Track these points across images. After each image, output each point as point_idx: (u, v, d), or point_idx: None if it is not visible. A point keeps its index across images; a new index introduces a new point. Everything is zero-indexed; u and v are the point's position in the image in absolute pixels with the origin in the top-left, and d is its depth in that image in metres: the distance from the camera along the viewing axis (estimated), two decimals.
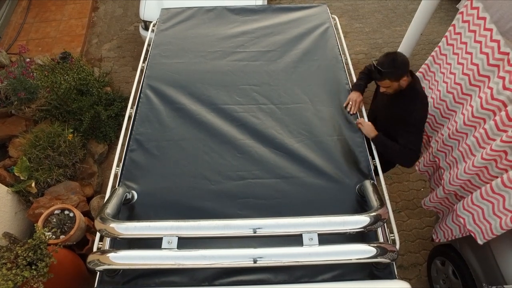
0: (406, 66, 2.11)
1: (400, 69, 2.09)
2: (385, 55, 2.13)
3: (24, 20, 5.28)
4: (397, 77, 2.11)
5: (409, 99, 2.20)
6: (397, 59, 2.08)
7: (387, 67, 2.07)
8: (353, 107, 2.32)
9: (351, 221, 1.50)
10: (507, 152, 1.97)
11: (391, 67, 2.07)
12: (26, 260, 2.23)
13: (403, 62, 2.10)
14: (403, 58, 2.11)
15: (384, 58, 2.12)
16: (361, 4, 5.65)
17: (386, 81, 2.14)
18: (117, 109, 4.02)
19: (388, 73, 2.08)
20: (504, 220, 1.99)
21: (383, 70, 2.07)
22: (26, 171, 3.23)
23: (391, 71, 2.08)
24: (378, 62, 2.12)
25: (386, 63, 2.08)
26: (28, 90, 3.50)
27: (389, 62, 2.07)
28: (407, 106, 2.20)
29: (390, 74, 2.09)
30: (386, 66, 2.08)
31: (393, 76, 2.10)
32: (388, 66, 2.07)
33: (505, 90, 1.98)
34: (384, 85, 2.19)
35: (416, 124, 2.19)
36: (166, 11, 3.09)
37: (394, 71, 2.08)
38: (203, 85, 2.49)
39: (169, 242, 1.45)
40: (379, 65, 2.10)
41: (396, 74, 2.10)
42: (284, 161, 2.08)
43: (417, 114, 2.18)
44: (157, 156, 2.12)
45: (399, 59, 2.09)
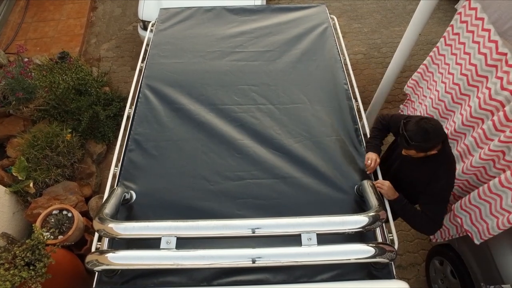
0: (439, 139, 1.83)
1: (431, 143, 1.82)
2: (416, 124, 1.82)
3: (22, 19, 5.26)
4: (426, 150, 1.86)
5: (437, 164, 1.94)
6: (429, 131, 1.78)
7: (417, 140, 1.80)
8: (372, 168, 2.06)
9: (350, 221, 1.50)
10: (505, 152, 1.98)
11: (422, 141, 1.80)
12: (24, 260, 2.22)
13: (436, 134, 1.81)
14: (436, 130, 1.80)
15: (415, 127, 1.82)
16: (359, 4, 5.66)
17: (413, 151, 1.89)
18: (115, 109, 4.01)
19: (417, 146, 1.83)
20: (501, 220, 1.99)
21: (412, 142, 1.81)
22: (24, 171, 3.22)
23: (421, 145, 1.82)
24: (407, 129, 1.83)
25: (417, 135, 1.80)
26: (26, 90, 3.49)
27: (421, 135, 1.80)
28: (434, 172, 1.94)
29: (418, 148, 1.84)
30: (416, 139, 1.80)
31: (422, 149, 1.85)
32: (418, 139, 1.80)
33: (503, 90, 1.99)
34: (409, 154, 1.94)
35: (442, 193, 1.94)
36: (165, 11, 3.08)
37: (424, 146, 1.82)
38: (202, 85, 2.49)
39: (167, 242, 1.44)
40: (409, 135, 1.82)
41: (426, 148, 1.84)
42: (283, 161, 2.08)
43: (445, 182, 1.92)
44: (156, 156, 2.12)
45: (431, 131, 1.79)
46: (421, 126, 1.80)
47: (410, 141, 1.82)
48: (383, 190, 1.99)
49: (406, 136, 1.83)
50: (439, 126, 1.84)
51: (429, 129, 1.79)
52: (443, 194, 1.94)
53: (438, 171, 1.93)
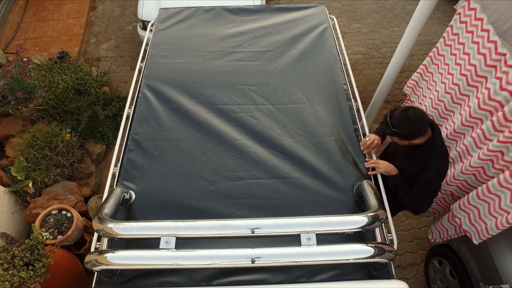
0: (421, 128, 1.87)
1: (412, 131, 1.86)
2: (401, 112, 1.88)
3: (21, 19, 5.26)
4: (408, 138, 1.91)
5: (427, 155, 1.98)
6: (411, 119, 1.84)
7: (399, 127, 1.86)
8: (367, 146, 2.13)
9: (349, 221, 1.50)
10: (503, 152, 1.98)
11: (403, 129, 1.86)
12: (23, 260, 2.22)
13: (419, 122, 1.84)
14: (418, 118, 1.85)
15: (399, 114, 1.88)
16: (359, 4, 5.66)
17: (395, 138, 1.97)
18: (115, 109, 4.01)
19: (398, 133, 1.89)
20: (500, 220, 2.00)
21: (393, 129, 1.88)
22: (23, 171, 3.21)
23: (402, 132, 1.88)
24: (392, 116, 1.91)
25: (399, 122, 1.86)
26: (26, 90, 3.48)
27: (403, 122, 1.85)
28: (424, 163, 1.98)
29: (400, 134, 1.90)
30: (398, 126, 1.86)
31: (404, 137, 1.90)
32: (400, 126, 1.86)
33: (502, 90, 1.99)
34: (394, 140, 2.01)
35: (431, 184, 1.99)
36: (164, 11, 3.08)
37: (404, 133, 1.88)
38: (201, 85, 2.49)
39: (167, 242, 1.44)
40: (392, 122, 1.89)
41: (407, 135, 1.88)
42: (282, 161, 2.08)
43: (434, 173, 1.96)
44: (155, 156, 2.12)
45: (414, 119, 1.84)
46: (405, 114, 1.86)
47: (392, 127, 1.89)
48: (382, 167, 2.04)
49: (389, 123, 1.90)
50: (423, 116, 1.87)
51: (412, 117, 1.84)
52: (432, 185, 2.00)
53: (428, 162, 1.97)
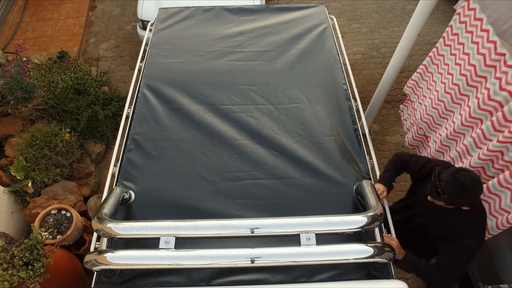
0: (477, 195, 1.65)
1: (466, 200, 1.64)
2: (452, 176, 1.63)
3: (20, 19, 5.25)
4: (458, 205, 1.69)
5: (467, 218, 1.76)
6: (466, 187, 1.59)
7: (451, 193, 1.62)
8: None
9: (349, 221, 1.50)
10: (503, 152, 1.98)
11: (456, 196, 1.63)
12: (22, 260, 2.22)
13: (475, 191, 1.62)
14: (474, 186, 1.61)
15: (450, 178, 1.63)
16: (359, 4, 5.66)
17: (442, 202, 1.73)
18: (114, 109, 4.01)
19: (449, 200, 1.66)
20: (501, 220, 2.00)
21: (444, 195, 1.64)
22: (22, 171, 3.21)
23: (454, 200, 1.66)
24: (441, 179, 1.65)
25: (451, 188, 1.62)
26: (25, 90, 3.48)
27: (456, 189, 1.61)
28: (463, 227, 1.77)
29: (450, 201, 1.68)
30: (450, 192, 1.62)
31: (454, 203, 1.69)
32: (452, 193, 1.63)
33: (502, 90, 1.99)
34: (436, 202, 1.77)
35: (468, 251, 1.75)
36: (164, 11, 3.08)
37: (457, 201, 1.66)
38: (201, 85, 2.49)
39: (166, 242, 1.44)
40: (442, 186, 1.65)
41: (459, 203, 1.67)
42: (282, 162, 2.08)
43: (473, 240, 1.74)
44: (155, 156, 2.12)
45: (469, 187, 1.59)
46: (457, 179, 1.62)
47: (442, 193, 1.64)
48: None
49: (438, 186, 1.66)
50: (478, 181, 1.63)
51: (467, 184, 1.60)
52: (469, 252, 1.76)
53: (467, 226, 1.75)
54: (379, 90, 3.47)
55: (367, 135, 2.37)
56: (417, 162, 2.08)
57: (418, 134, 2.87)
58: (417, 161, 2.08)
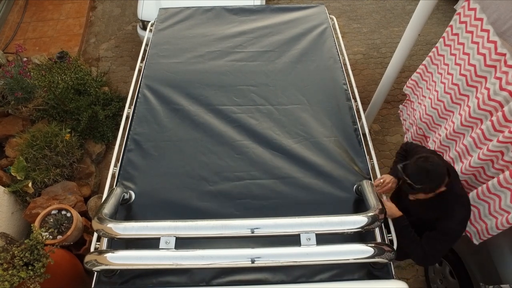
0: (442, 176, 1.75)
1: (435, 182, 1.75)
2: (415, 166, 1.76)
3: (21, 19, 5.25)
4: (433, 190, 1.79)
5: (447, 203, 1.87)
6: (430, 171, 1.72)
7: (421, 183, 1.74)
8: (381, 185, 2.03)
9: (349, 221, 1.50)
10: (503, 152, 1.98)
11: (426, 183, 1.74)
12: (22, 260, 2.22)
13: (438, 173, 1.73)
14: (437, 169, 1.73)
15: (415, 170, 1.76)
16: (359, 4, 5.66)
17: (420, 194, 1.83)
18: (114, 109, 4.01)
19: (422, 189, 1.76)
20: (500, 220, 2.00)
21: (416, 186, 1.75)
22: (23, 171, 3.21)
23: (426, 187, 1.76)
24: (409, 174, 1.77)
25: (419, 176, 1.74)
26: (25, 90, 3.48)
27: (423, 177, 1.73)
28: (444, 209, 1.87)
29: (424, 190, 1.77)
30: (420, 182, 1.74)
31: (429, 190, 1.78)
32: (421, 182, 1.74)
33: (502, 91, 1.99)
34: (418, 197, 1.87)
35: (450, 233, 1.84)
36: (164, 11, 3.08)
37: (429, 187, 1.76)
38: (201, 85, 2.49)
39: (166, 242, 1.44)
40: (412, 180, 1.76)
41: (432, 188, 1.77)
42: (282, 162, 2.08)
43: (455, 223, 1.83)
44: (155, 157, 2.12)
45: (432, 171, 1.72)
46: (418, 166, 1.74)
47: (414, 184, 1.74)
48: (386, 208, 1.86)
49: (409, 181, 1.76)
50: (438, 162, 1.75)
51: (429, 167, 1.72)
52: (451, 235, 1.83)
53: (449, 209, 1.84)
54: (379, 90, 3.48)
55: (367, 135, 2.37)
56: (412, 148, 2.18)
57: (418, 134, 2.87)
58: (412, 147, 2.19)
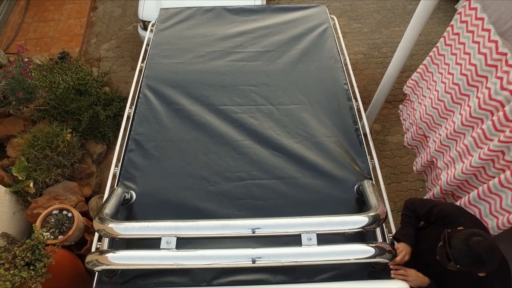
0: (494, 264, 1.46)
1: (483, 269, 1.48)
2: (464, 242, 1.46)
3: (22, 19, 5.26)
4: (474, 273, 1.54)
5: (490, 276, 1.59)
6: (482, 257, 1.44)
7: (465, 264, 1.47)
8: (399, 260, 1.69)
9: (350, 221, 1.50)
10: (504, 152, 1.98)
11: (472, 267, 1.47)
12: (24, 260, 2.22)
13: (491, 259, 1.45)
14: (491, 252, 1.45)
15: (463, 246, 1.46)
16: (359, 4, 5.66)
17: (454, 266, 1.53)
18: (115, 109, 4.01)
19: (464, 269, 1.50)
20: (501, 220, 1.99)
21: (457, 266, 1.48)
22: (24, 171, 3.22)
23: (469, 270, 1.50)
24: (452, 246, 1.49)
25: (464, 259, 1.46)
26: (26, 90, 3.49)
27: (471, 260, 1.45)
28: (479, 281, 1.61)
29: (465, 271, 1.51)
30: (464, 262, 1.46)
31: (470, 273, 1.53)
32: (466, 264, 1.47)
33: (503, 90, 1.99)
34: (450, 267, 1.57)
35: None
36: (165, 11, 3.08)
37: (473, 271, 1.50)
38: (201, 85, 2.49)
39: (167, 242, 1.45)
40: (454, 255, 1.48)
41: (474, 272, 1.53)
42: (283, 162, 2.08)
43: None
44: (156, 157, 2.12)
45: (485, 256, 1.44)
46: (471, 248, 1.44)
47: (455, 263, 1.48)
48: (410, 280, 1.63)
49: (450, 256, 1.49)
50: (493, 248, 1.46)
51: (482, 253, 1.43)
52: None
53: (486, 282, 1.61)
54: (380, 90, 3.47)
55: (368, 135, 2.37)
56: (424, 205, 1.94)
57: (418, 134, 2.86)
58: (424, 204, 1.94)
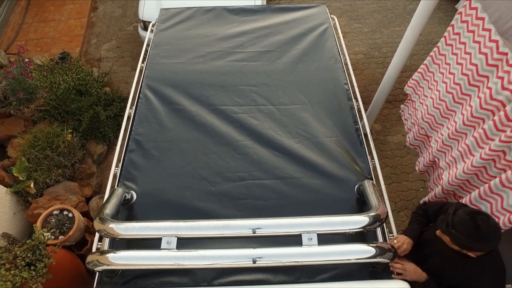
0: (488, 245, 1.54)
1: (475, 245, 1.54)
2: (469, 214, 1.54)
3: (23, 20, 5.27)
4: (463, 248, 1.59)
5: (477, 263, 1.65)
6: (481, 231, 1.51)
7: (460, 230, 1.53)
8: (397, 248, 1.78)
9: (350, 221, 1.50)
10: (505, 152, 1.98)
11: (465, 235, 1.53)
12: (25, 260, 2.22)
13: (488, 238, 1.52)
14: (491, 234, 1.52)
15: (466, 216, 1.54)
16: (360, 4, 5.65)
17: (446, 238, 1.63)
18: (116, 110, 4.02)
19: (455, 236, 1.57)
20: (503, 220, 1.99)
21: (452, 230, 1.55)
22: (25, 171, 3.22)
23: (461, 239, 1.56)
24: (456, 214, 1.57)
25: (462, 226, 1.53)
26: (27, 91, 3.49)
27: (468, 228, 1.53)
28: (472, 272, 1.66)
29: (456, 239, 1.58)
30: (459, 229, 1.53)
31: (459, 244, 1.59)
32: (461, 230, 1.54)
33: (504, 90, 1.98)
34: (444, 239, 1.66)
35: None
36: (165, 11, 3.09)
37: (464, 242, 1.56)
38: (202, 85, 2.49)
39: (168, 242, 1.45)
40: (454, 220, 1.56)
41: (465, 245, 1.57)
42: (283, 162, 2.08)
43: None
44: (156, 157, 2.12)
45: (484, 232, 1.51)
46: (475, 220, 1.52)
47: (452, 226, 1.55)
48: (407, 274, 1.68)
49: (450, 219, 1.57)
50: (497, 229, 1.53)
51: (483, 227, 1.51)
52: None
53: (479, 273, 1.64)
54: (380, 90, 3.47)
55: (368, 135, 2.37)
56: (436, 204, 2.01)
57: (420, 134, 2.86)
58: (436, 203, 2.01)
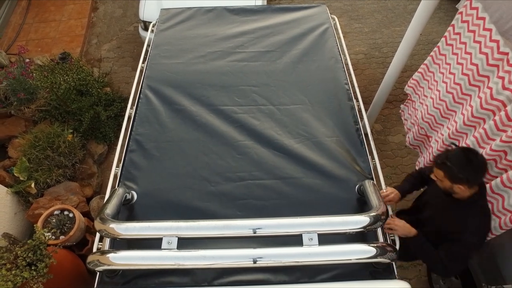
0: (476, 175, 1.70)
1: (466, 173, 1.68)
2: (463, 150, 1.74)
3: (23, 20, 5.27)
4: (455, 180, 1.72)
5: (465, 211, 1.81)
6: (472, 162, 1.68)
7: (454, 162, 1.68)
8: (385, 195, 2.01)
9: (351, 221, 1.50)
10: (506, 152, 1.98)
11: (458, 166, 1.68)
12: (25, 260, 2.23)
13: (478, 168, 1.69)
14: (480, 164, 1.69)
15: (460, 151, 1.73)
16: (360, 4, 5.65)
17: (440, 173, 1.76)
18: (116, 110, 4.02)
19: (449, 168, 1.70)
20: (504, 220, 1.99)
21: (448, 163, 1.70)
22: (25, 171, 3.22)
23: (453, 170, 1.69)
24: (452, 149, 1.76)
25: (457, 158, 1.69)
26: (28, 91, 3.49)
27: (461, 160, 1.69)
28: (460, 220, 1.81)
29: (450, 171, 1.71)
30: (454, 160, 1.69)
31: (452, 176, 1.71)
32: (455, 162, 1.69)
33: (505, 90, 1.98)
34: (438, 176, 1.80)
35: (467, 245, 1.77)
36: (166, 12, 3.09)
37: (456, 172, 1.69)
38: (202, 85, 2.49)
39: (169, 242, 1.45)
40: (449, 153, 1.73)
41: (457, 176, 1.70)
42: (284, 162, 2.08)
43: (471, 236, 1.76)
44: (157, 157, 2.12)
45: (475, 163, 1.68)
46: (466, 154, 1.71)
47: (446, 159, 1.71)
48: (397, 229, 1.85)
49: (445, 154, 1.75)
50: (484, 161, 1.71)
51: (473, 158, 1.69)
52: (466, 248, 1.77)
53: (465, 220, 1.80)
54: (381, 90, 3.47)
55: (369, 135, 2.37)
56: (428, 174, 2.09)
57: (420, 134, 2.86)
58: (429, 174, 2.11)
